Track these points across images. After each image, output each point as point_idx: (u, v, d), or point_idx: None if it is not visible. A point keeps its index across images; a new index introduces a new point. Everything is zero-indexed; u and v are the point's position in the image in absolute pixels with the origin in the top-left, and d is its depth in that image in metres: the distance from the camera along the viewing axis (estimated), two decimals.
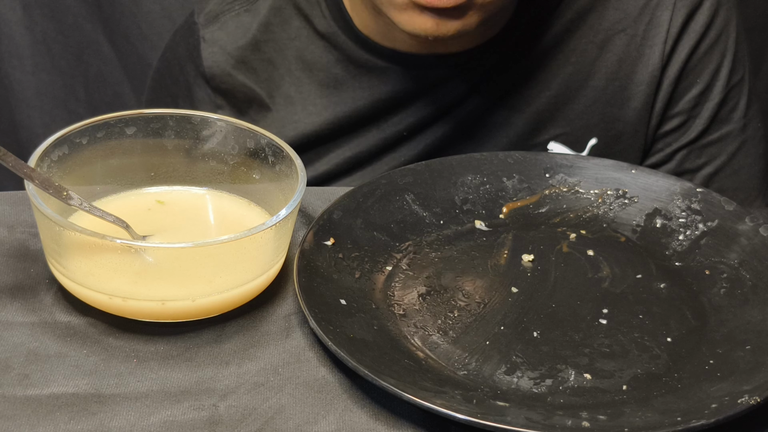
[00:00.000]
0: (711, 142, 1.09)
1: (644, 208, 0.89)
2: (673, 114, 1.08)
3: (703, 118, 1.08)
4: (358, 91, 1.06)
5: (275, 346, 0.75)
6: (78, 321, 0.75)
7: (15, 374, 0.70)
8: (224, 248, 0.73)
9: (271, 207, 0.82)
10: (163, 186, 0.84)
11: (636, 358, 0.75)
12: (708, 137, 1.08)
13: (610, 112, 1.07)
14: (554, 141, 1.07)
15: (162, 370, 0.72)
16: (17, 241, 0.81)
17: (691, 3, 1.06)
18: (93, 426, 0.67)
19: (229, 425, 0.68)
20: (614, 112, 1.07)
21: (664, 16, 1.05)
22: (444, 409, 0.67)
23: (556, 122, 1.07)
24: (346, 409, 0.70)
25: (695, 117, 1.08)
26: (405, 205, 0.87)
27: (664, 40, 1.05)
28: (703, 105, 1.07)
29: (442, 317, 0.78)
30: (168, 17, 1.45)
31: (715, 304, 0.80)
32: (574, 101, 1.07)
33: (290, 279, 0.79)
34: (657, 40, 1.05)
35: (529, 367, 0.74)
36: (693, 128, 1.08)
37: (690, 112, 1.08)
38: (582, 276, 0.83)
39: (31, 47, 1.49)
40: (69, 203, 0.76)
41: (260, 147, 0.82)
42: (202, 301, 0.74)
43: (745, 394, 0.69)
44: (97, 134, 0.81)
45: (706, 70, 1.07)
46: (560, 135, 1.07)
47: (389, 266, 0.82)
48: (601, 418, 0.69)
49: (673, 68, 1.06)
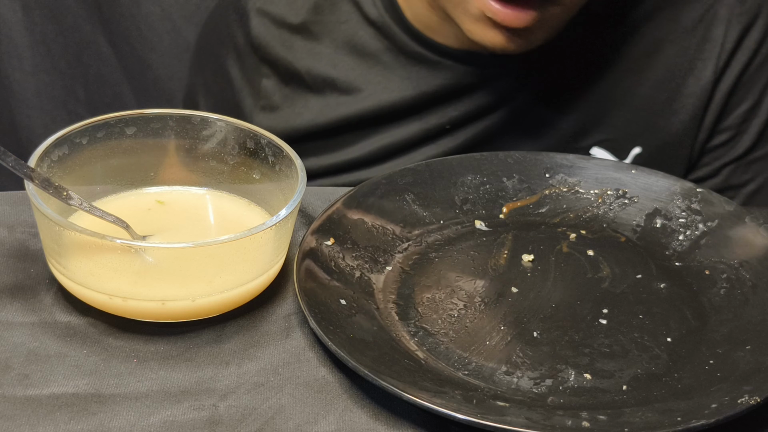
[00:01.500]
0: (758, 158, 1.09)
1: (644, 208, 0.89)
2: (723, 128, 1.08)
3: (751, 134, 1.08)
4: (406, 81, 1.06)
5: (275, 346, 0.75)
6: (78, 321, 0.75)
7: (15, 374, 0.70)
8: (224, 248, 0.73)
9: (271, 207, 0.82)
10: (163, 186, 0.84)
11: (636, 358, 0.75)
12: (755, 153, 1.09)
13: (655, 122, 1.07)
14: (597, 146, 1.07)
15: (162, 370, 0.72)
16: (17, 241, 0.81)
17: (746, 19, 1.06)
18: (93, 426, 0.67)
19: (229, 425, 0.68)
20: (660, 123, 1.07)
21: (719, 31, 1.05)
22: (444, 409, 0.67)
23: (600, 128, 1.07)
24: (346, 409, 0.70)
25: (743, 132, 1.08)
26: (405, 205, 0.87)
27: (717, 55, 1.06)
28: (751, 121, 1.08)
29: (442, 317, 0.78)
30: (168, 19, 1.45)
31: (715, 304, 0.80)
32: (620, 108, 1.07)
33: (290, 279, 0.79)
34: (710, 54, 1.06)
35: (529, 367, 0.74)
36: (741, 144, 1.08)
37: (739, 127, 1.08)
38: (582, 276, 0.83)
39: (31, 48, 1.49)
40: (69, 203, 0.76)
41: (260, 147, 0.82)
42: (202, 301, 0.74)
43: (745, 394, 0.69)
44: (97, 134, 0.81)
45: (756, 85, 1.07)
46: (604, 141, 1.07)
47: (389, 266, 0.82)
48: (601, 418, 0.69)
49: (725, 83, 1.06)
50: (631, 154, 1.07)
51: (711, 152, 1.09)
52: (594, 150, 1.07)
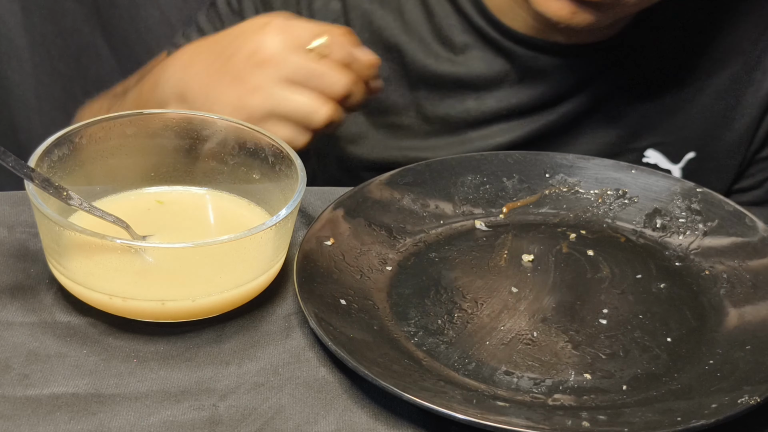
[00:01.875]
0: None
1: (644, 208, 0.89)
2: None
3: None
4: (472, 61, 1.06)
5: (275, 346, 0.75)
6: (78, 321, 0.75)
7: (15, 374, 0.70)
8: (224, 248, 0.73)
9: (271, 207, 0.82)
10: (163, 186, 0.84)
11: (636, 358, 0.75)
12: None
13: (711, 129, 1.07)
14: (652, 149, 1.07)
15: (162, 370, 0.72)
16: (17, 241, 0.81)
17: None
18: (93, 426, 0.67)
19: (229, 425, 0.68)
20: (715, 131, 1.07)
21: None
22: (444, 409, 0.67)
23: (656, 131, 1.07)
24: (346, 409, 0.70)
25: None
26: (405, 205, 0.87)
27: None
28: None
29: (442, 317, 0.78)
30: (166, 22, 1.45)
31: (715, 304, 0.80)
32: (679, 114, 1.06)
33: (290, 279, 0.79)
34: None
35: (529, 367, 0.74)
36: None
37: None
38: (582, 276, 0.83)
39: (30, 49, 1.49)
40: (69, 203, 0.76)
41: (260, 147, 0.82)
42: (202, 301, 0.74)
43: (745, 394, 0.69)
44: (97, 134, 0.81)
45: None
46: (659, 144, 1.07)
47: (389, 266, 0.82)
48: (601, 418, 0.69)
49: None
50: (685, 158, 1.07)
51: (759, 163, 1.09)
52: (649, 152, 1.07)
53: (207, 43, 0.94)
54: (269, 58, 0.87)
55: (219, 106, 0.88)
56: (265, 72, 0.87)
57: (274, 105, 0.87)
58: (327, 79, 0.87)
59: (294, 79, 0.87)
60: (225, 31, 0.93)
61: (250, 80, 0.88)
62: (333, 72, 0.88)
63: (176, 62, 0.94)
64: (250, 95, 0.87)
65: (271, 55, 0.87)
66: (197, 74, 0.91)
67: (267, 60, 0.87)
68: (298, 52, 0.87)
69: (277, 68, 0.87)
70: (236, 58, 0.89)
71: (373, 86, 0.92)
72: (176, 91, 0.92)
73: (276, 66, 0.87)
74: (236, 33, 0.91)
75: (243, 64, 0.88)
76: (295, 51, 0.87)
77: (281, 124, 0.88)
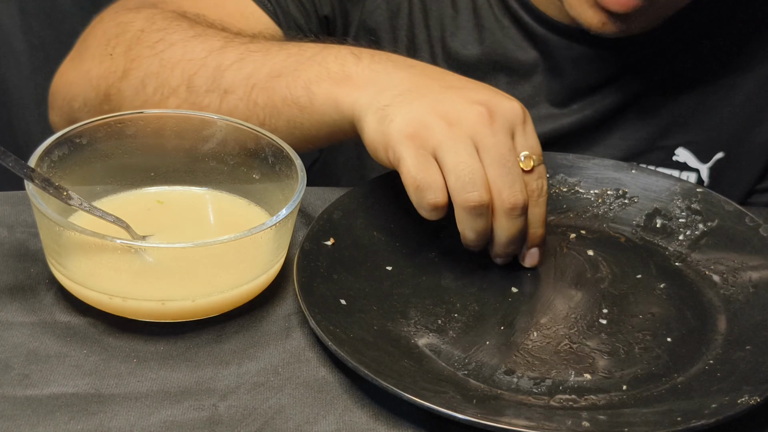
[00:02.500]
0: None
1: (644, 208, 0.89)
2: None
3: None
4: (507, 45, 1.05)
5: (275, 346, 0.75)
6: (78, 321, 0.75)
7: (15, 374, 0.70)
8: (224, 248, 0.73)
9: (271, 207, 0.82)
10: (163, 186, 0.84)
11: (636, 358, 0.75)
12: None
13: (741, 130, 1.07)
14: (683, 147, 1.07)
15: (162, 370, 0.72)
16: (17, 241, 0.81)
17: None
18: (93, 426, 0.67)
19: (229, 425, 0.68)
20: (745, 132, 1.07)
21: None
22: (444, 409, 0.67)
23: (687, 129, 1.07)
24: (346, 409, 0.70)
25: None
26: (405, 205, 0.87)
27: None
28: None
29: (442, 317, 0.78)
30: None
31: (715, 304, 0.80)
32: (711, 114, 1.06)
33: (290, 279, 0.79)
34: None
35: (529, 367, 0.74)
36: None
37: None
38: (582, 276, 0.83)
39: (29, 52, 1.49)
40: (69, 203, 0.76)
41: (260, 147, 0.82)
42: (202, 301, 0.74)
43: (745, 394, 0.69)
44: (97, 134, 0.81)
45: None
46: (690, 142, 1.07)
47: (389, 266, 0.82)
48: (601, 418, 0.69)
49: None
50: (714, 158, 1.07)
51: None
52: (679, 150, 1.07)
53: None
54: (493, 112, 0.78)
55: (413, 95, 0.79)
56: (477, 116, 0.78)
57: (446, 145, 0.77)
58: (508, 180, 0.77)
59: (488, 150, 0.77)
60: None
61: (460, 103, 0.78)
62: (519, 183, 0.78)
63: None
64: (444, 113, 0.78)
65: (498, 113, 0.78)
66: (410, 75, 0.83)
67: (491, 112, 0.78)
68: (513, 142, 0.79)
69: (489, 125, 0.78)
70: (462, 82, 0.82)
71: None
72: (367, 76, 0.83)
73: (490, 122, 0.78)
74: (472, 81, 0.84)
75: (468, 88, 0.81)
76: (514, 135, 0.79)
77: (420, 160, 0.77)
